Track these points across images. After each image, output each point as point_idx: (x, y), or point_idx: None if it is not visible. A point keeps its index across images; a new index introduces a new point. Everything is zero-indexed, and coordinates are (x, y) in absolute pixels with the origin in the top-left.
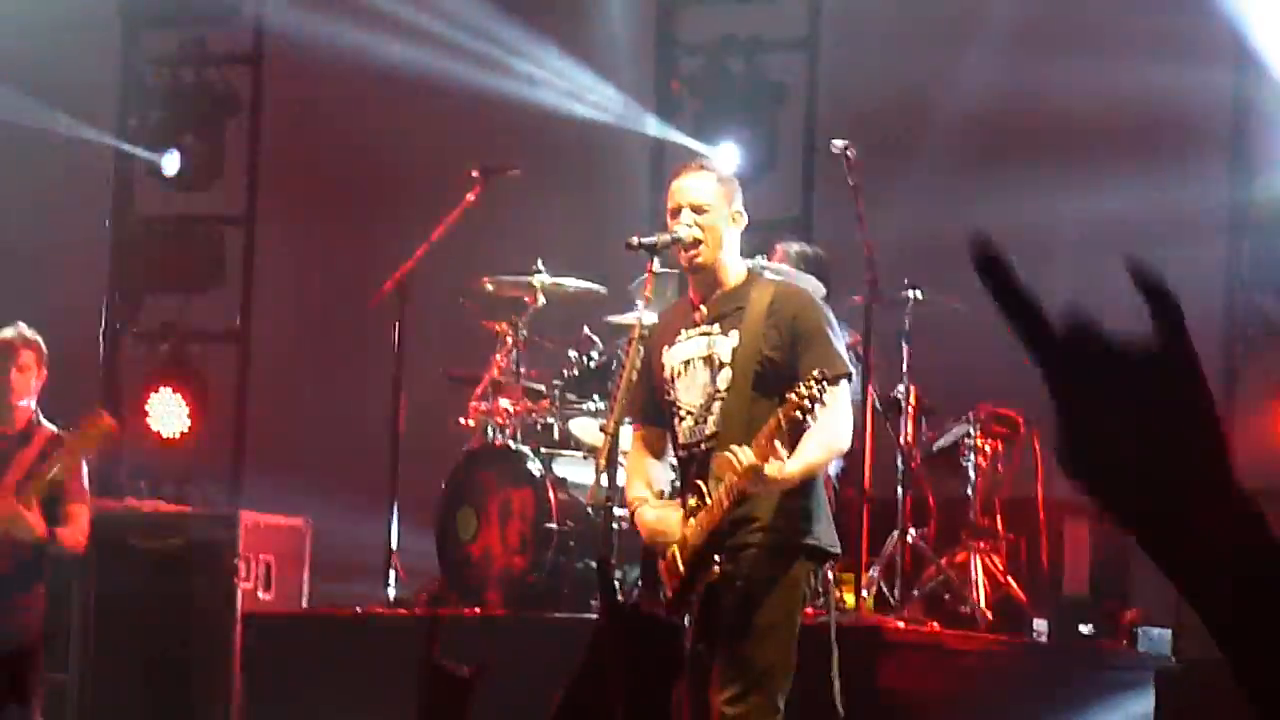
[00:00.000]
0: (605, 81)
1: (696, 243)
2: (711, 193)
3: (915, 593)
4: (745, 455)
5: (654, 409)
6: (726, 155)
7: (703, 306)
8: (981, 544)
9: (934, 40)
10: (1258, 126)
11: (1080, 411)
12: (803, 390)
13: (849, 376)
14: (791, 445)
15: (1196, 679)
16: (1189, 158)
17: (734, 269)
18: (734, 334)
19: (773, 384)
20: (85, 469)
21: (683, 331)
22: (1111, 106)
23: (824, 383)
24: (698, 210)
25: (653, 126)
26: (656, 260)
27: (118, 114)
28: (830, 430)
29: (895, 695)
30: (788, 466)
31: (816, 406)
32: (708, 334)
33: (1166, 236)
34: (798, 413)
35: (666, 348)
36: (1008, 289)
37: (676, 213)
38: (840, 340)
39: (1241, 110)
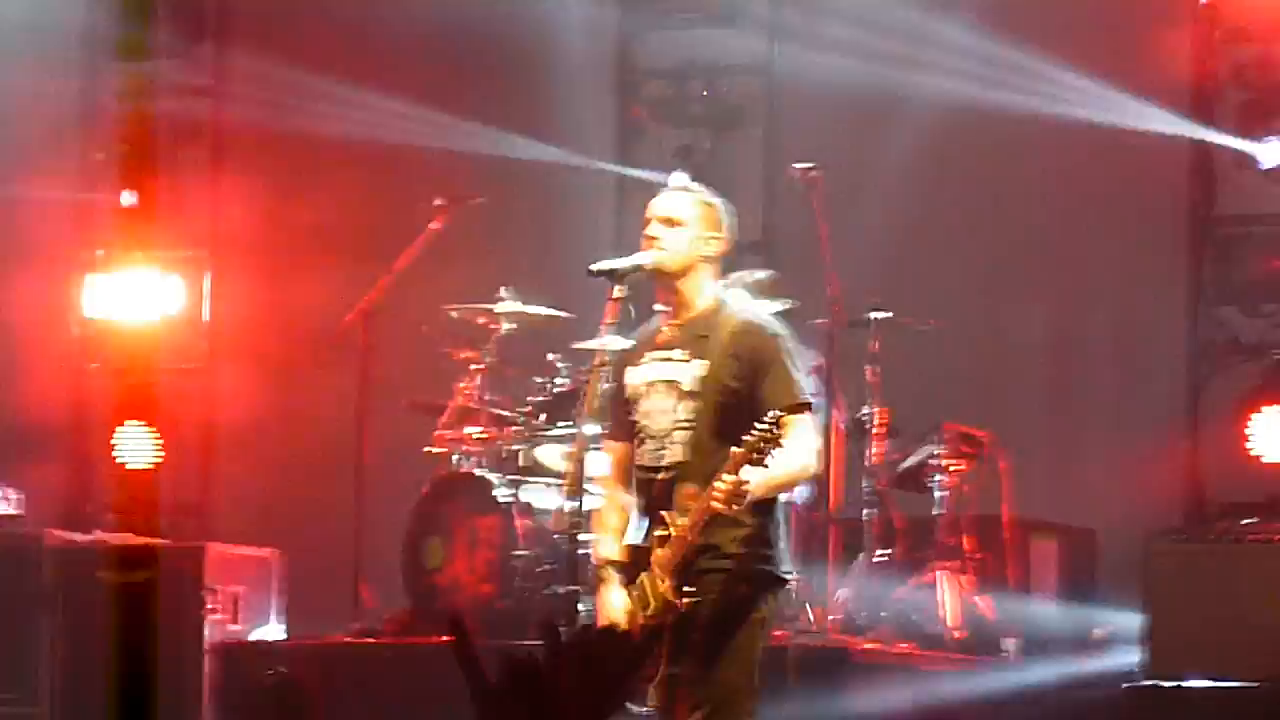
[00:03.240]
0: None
1: (659, 271)
2: (686, 211)
3: (884, 614)
4: (720, 485)
5: (625, 427)
6: (678, 182)
7: (666, 328)
8: (949, 563)
9: (891, 59)
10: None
11: None
12: (758, 431)
13: (808, 406)
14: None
15: (1165, 696)
16: (1150, 171)
17: (703, 293)
18: (697, 363)
19: (735, 415)
20: None
21: (648, 353)
22: (1066, 124)
23: (777, 425)
24: (668, 223)
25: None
26: (618, 287)
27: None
28: (794, 456)
29: (865, 717)
30: (755, 481)
31: (771, 449)
32: (671, 359)
33: (1129, 250)
34: (755, 454)
35: (631, 367)
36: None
37: (647, 224)
38: (801, 370)
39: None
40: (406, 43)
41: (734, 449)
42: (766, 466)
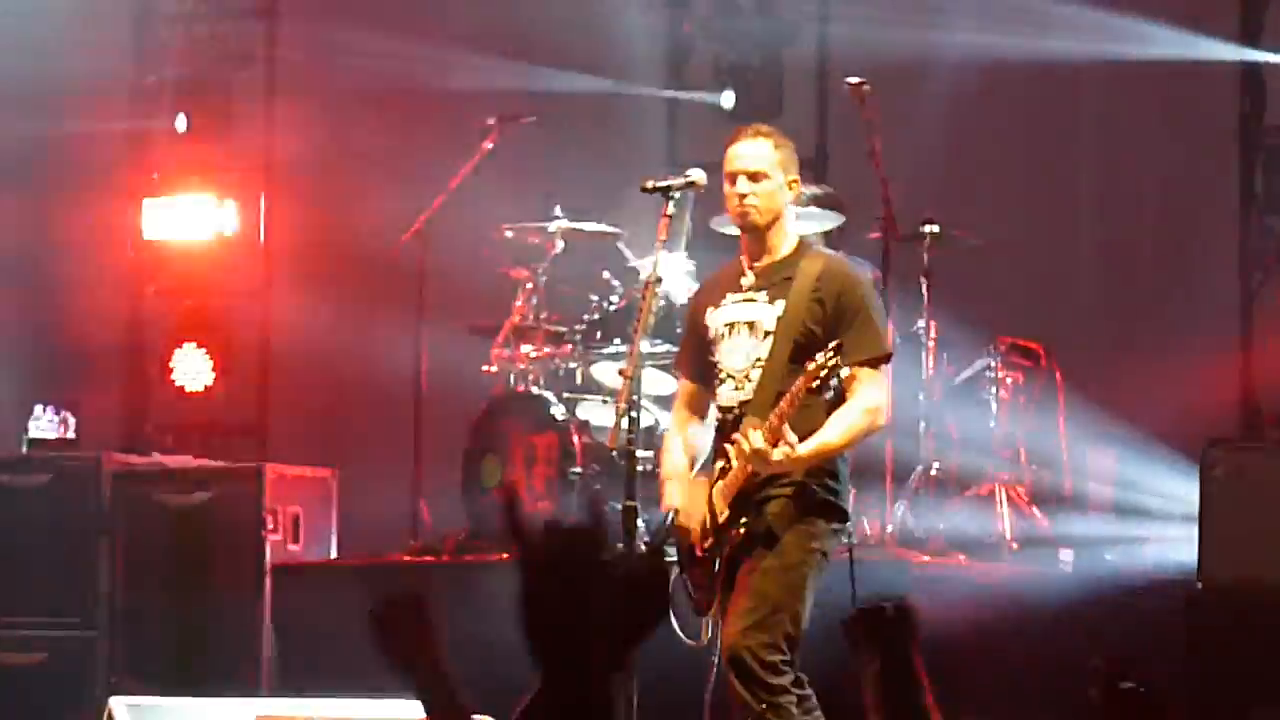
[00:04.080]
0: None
1: (743, 201)
2: (767, 160)
3: (940, 526)
4: (754, 439)
5: (700, 367)
6: (726, 101)
7: (750, 272)
8: (1005, 475)
9: None
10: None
11: None
12: (820, 360)
13: (887, 358)
14: (823, 418)
15: (1223, 601)
16: (1199, 82)
17: (786, 237)
18: (779, 303)
19: (811, 356)
20: None
21: (728, 295)
22: (1117, 33)
23: (839, 355)
24: (754, 178)
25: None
26: (671, 203)
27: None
28: (857, 412)
29: (922, 629)
30: (799, 449)
31: (836, 376)
32: (753, 300)
33: (1179, 161)
34: (815, 383)
35: (712, 309)
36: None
37: (733, 179)
38: (883, 318)
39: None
40: None
41: (798, 379)
42: (827, 398)
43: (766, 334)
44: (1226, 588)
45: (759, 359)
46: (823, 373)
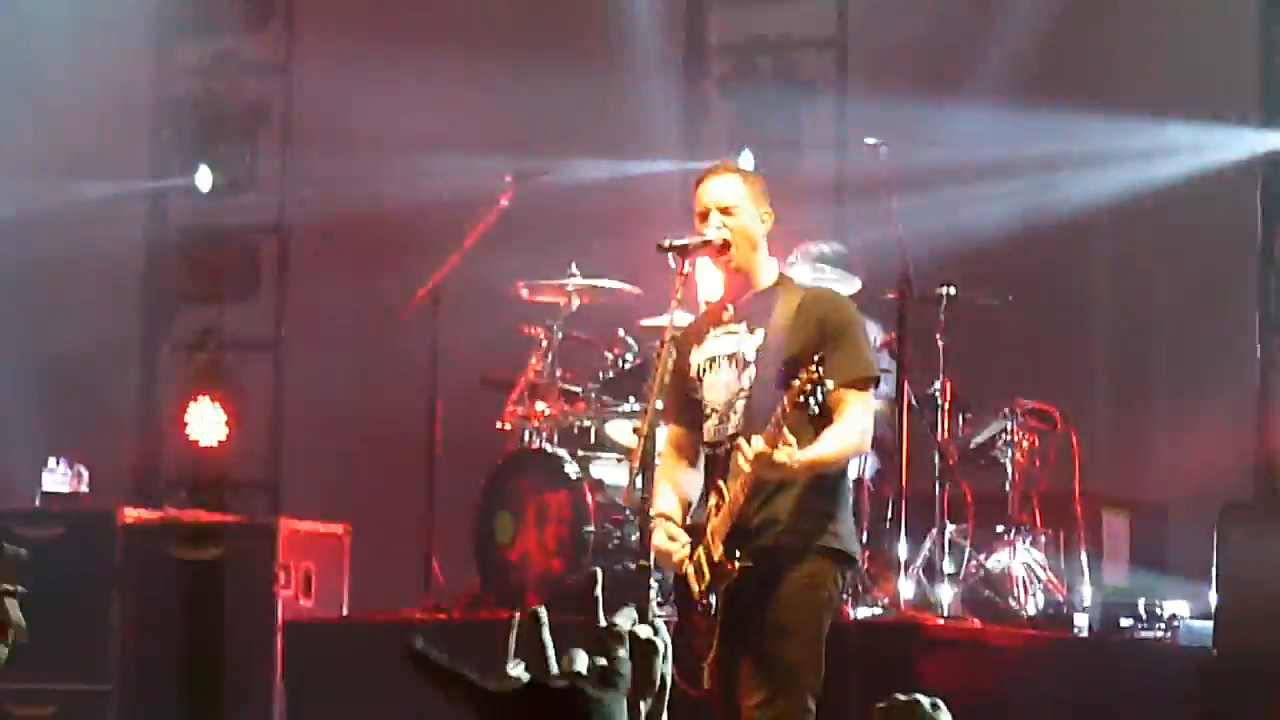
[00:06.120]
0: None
1: (727, 245)
2: (738, 193)
3: (955, 589)
4: (755, 443)
5: (685, 410)
6: (745, 163)
7: (730, 307)
8: (1020, 539)
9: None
10: None
11: None
12: (804, 375)
13: (876, 381)
14: (812, 439)
15: (1239, 668)
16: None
17: (765, 270)
18: (759, 332)
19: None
20: None
21: (711, 331)
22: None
23: (821, 368)
24: (725, 212)
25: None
26: (686, 262)
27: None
28: (849, 430)
29: (936, 693)
30: (798, 454)
31: (819, 390)
32: (734, 333)
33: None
34: (801, 398)
35: (695, 347)
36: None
37: (705, 216)
38: (869, 342)
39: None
40: (475, 21)
41: (784, 398)
42: (814, 413)
43: (747, 364)
44: (1243, 654)
45: (741, 390)
46: (808, 387)
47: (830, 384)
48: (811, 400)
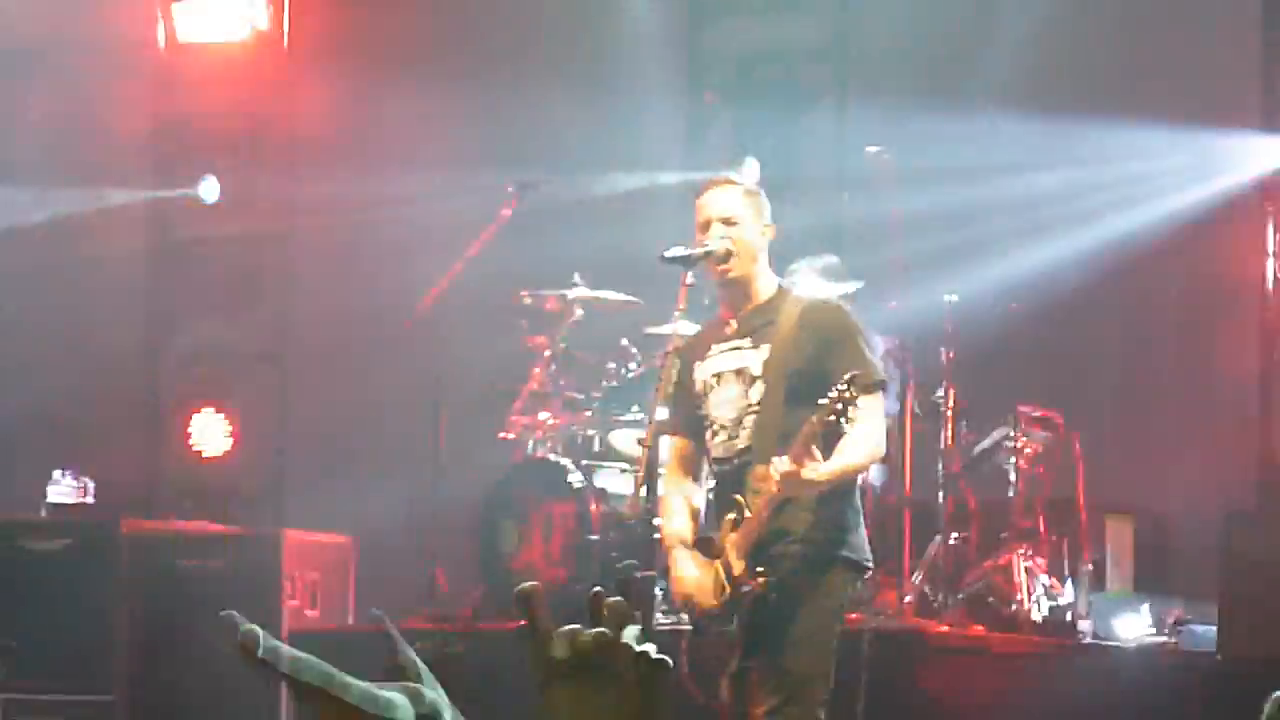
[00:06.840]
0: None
1: (729, 255)
2: (740, 205)
3: (959, 596)
4: (780, 464)
5: (690, 423)
6: (750, 172)
7: (733, 321)
8: (1024, 546)
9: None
10: None
11: None
12: (834, 394)
13: (883, 385)
14: (827, 452)
15: (1243, 674)
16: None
17: (765, 283)
18: (764, 347)
19: (805, 395)
20: None
21: (714, 346)
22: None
23: (853, 386)
24: (727, 223)
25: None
26: (690, 273)
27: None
28: (866, 437)
29: (940, 700)
30: (822, 468)
31: (850, 409)
32: (738, 348)
33: (1200, 226)
34: (831, 417)
35: (699, 362)
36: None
37: (706, 227)
38: (872, 348)
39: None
40: (477, 33)
41: (810, 418)
42: (843, 432)
43: (754, 379)
44: (1246, 660)
45: (749, 405)
46: (838, 406)
47: (856, 407)
48: (842, 420)
